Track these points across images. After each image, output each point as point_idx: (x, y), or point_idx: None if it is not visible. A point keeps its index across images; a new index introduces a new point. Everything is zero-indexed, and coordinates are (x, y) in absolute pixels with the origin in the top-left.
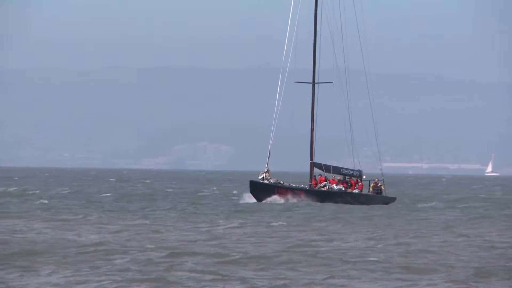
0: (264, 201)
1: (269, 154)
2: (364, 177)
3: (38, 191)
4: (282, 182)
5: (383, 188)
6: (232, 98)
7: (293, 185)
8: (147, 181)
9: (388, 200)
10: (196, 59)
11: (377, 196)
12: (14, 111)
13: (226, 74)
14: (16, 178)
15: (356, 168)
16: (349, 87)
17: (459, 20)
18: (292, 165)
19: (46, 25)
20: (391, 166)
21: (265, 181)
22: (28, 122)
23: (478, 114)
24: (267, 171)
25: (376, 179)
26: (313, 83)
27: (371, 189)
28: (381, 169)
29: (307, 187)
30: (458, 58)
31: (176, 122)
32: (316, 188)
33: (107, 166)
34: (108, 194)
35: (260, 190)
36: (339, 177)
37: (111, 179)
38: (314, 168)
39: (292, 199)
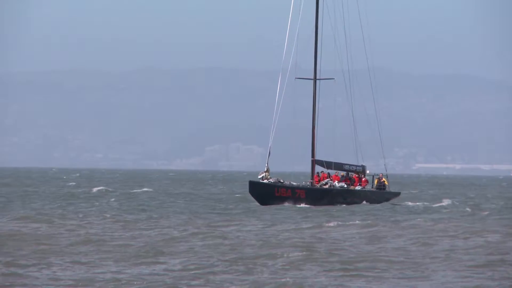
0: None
1: (269, 153)
2: (368, 172)
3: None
4: (282, 181)
5: (386, 183)
6: (266, 99)
7: (294, 184)
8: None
9: (392, 196)
10: (230, 60)
11: (381, 192)
12: (47, 112)
13: (261, 74)
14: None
15: (359, 164)
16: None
17: (487, 20)
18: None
19: (80, 26)
20: (425, 166)
21: (265, 181)
22: (62, 123)
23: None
24: (267, 170)
25: (381, 174)
26: (314, 79)
27: (375, 184)
28: (384, 164)
29: (308, 184)
30: (490, 57)
31: (209, 123)
32: (318, 185)
33: (140, 167)
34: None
35: (260, 190)
36: (342, 173)
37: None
38: (316, 165)
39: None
